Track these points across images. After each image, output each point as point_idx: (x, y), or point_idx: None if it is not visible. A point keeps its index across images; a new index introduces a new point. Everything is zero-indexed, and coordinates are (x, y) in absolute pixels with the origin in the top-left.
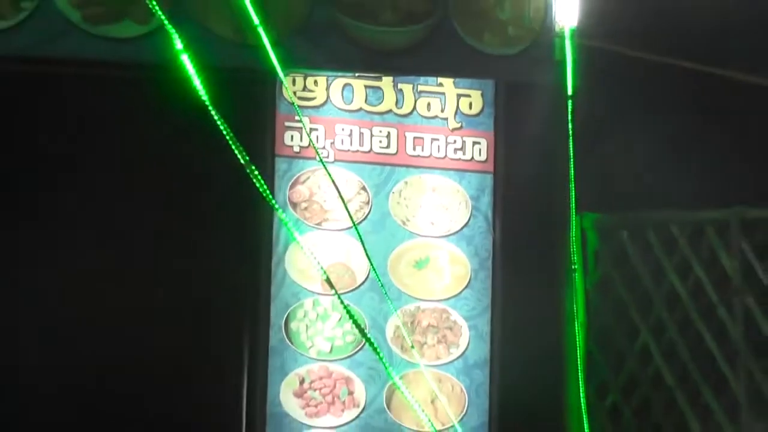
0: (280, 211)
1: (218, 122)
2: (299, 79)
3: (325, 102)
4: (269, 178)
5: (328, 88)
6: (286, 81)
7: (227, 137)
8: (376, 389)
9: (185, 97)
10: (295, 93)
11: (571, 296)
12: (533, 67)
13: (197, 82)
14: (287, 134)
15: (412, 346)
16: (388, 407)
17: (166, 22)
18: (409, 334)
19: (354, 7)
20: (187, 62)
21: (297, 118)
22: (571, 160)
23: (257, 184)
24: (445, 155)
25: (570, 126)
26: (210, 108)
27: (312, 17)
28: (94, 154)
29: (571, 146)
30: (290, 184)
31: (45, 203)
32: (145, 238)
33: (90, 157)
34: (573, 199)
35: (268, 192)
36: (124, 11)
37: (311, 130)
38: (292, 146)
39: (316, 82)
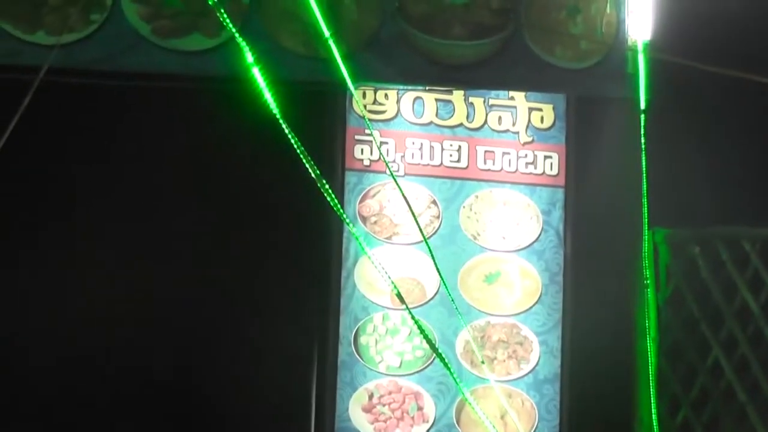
0: (351, 225)
1: (289, 135)
2: (369, 93)
3: (396, 115)
4: (339, 192)
5: (398, 102)
6: (357, 94)
7: (298, 151)
8: (446, 404)
9: (255, 111)
10: (365, 106)
11: (643, 312)
12: (606, 80)
13: (268, 96)
14: (357, 148)
15: (482, 361)
16: (458, 423)
17: (237, 35)
18: (479, 349)
19: (424, 20)
20: (258, 75)
21: (367, 131)
22: (644, 174)
23: (328, 198)
24: (516, 169)
25: (643, 140)
26: (281, 121)
27: (382, 31)
28: (162, 167)
29: (643, 161)
30: (360, 197)
31: (115, 214)
32: (212, 251)
33: (158, 170)
34: (645, 214)
35: (338, 206)
36: (194, 24)
37: (381, 143)
38: (362, 160)
39: (386, 96)
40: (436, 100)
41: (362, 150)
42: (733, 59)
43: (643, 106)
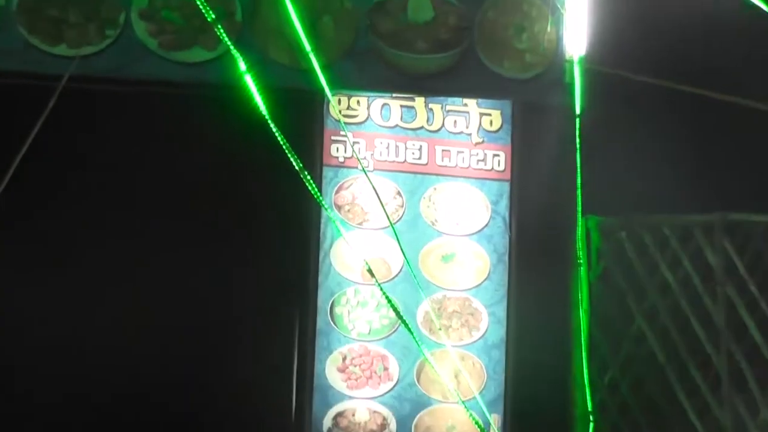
0: (330, 210)
1: (276, 134)
2: (344, 99)
3: (366, 119)
4: (318, 185)
5: (368, 107)
6: (333, 101)
7: (284, 147)
8: (408, 366)
9: (246, 114)
10: (340, 111)
11: (577, 287)
12: (546, 89)
13: (258, 99)
14: (333, 146)
15: (440, 329)
16: (418, 381)
17: (232, 47)
18: (437, 319)
19: (392, 36)
20: (250, 82)
21: (342, 132)
22: (578, 170)
23: (309, 188)
24: (469, 165)
25: (577, 141)
26: (269, 121)
27: (356, 45)
28: (165, 163)
29: (578, 158)
30: (336, 189)
31: (123, 205)
32: (212, 233)
33: (161, 166)
34: (579, 204)
35: (318, 194)
36: (194, 39)
37: (354, 143)
38: (337, 157)
39: (358, 102)
40: (401, 106)
41: (337, 148)
42: (660, 68)
43: (578, 111)
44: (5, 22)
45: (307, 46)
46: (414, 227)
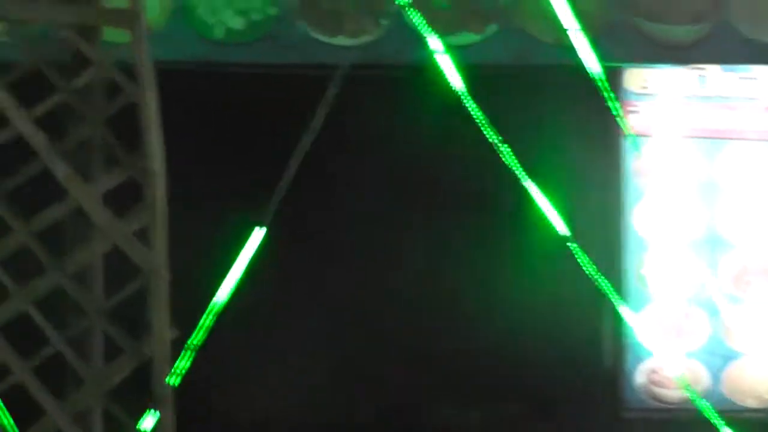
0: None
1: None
2: (638, 72)
3: (660, 90)
4: (618, 153)
5: (661, 79)
6: (628, 74)
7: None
8: (716, 321)
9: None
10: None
11: None
12: None
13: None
14: (630, 116)
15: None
16: (727, 336)
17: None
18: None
19: (647, 8)
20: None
21: (637, 103)
22: None
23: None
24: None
25: None
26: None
27: (611, 20)
28: (439, 141)
29: None
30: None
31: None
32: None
33: (434, 144)
34: None
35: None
36: (462, 24)
37: (650, 113)
38: (634, 126)
39: (651, 75)
40: (694, 76)
41: (634, 118)
42: None
43: None
44: (287, 19)
45: (574, 24)
46: (710, 189)
